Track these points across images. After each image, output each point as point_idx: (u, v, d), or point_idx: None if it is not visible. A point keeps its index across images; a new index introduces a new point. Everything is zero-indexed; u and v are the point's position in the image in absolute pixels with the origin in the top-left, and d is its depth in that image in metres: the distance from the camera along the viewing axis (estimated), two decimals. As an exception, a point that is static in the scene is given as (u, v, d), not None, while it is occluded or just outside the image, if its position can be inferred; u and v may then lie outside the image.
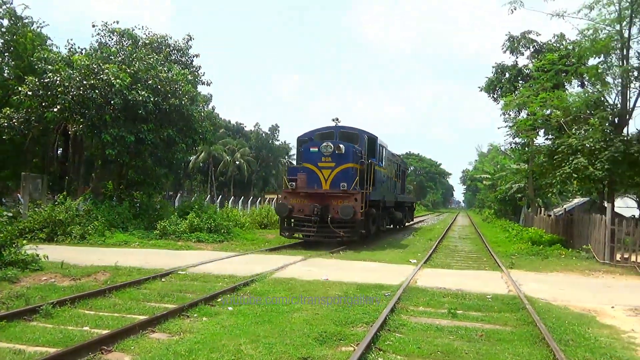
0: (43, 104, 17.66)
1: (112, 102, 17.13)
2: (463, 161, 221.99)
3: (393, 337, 5.88)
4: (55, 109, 17.36)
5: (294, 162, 25.86)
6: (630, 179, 15.27)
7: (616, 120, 15.72)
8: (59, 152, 22.77)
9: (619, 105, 15.72)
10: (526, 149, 23.61)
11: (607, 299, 8.71)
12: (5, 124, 18.15)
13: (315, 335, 5.70)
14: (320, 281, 9.29)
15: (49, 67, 17.85)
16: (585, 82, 18.45)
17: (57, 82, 17.09)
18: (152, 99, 17.53)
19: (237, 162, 63.14)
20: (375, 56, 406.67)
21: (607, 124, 15.62)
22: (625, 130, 15.63)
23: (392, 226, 24.81)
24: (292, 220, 15.75)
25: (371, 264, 12.23)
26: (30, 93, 17.46)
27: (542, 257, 14.90)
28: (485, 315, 7.15)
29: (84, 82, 16.96)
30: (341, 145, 15.47)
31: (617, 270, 12.47)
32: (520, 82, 24.25)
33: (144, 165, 19.27)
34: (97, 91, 16.89)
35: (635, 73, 15.33)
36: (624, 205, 27.28)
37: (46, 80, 17.31)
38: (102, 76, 16.99)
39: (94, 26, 21.26)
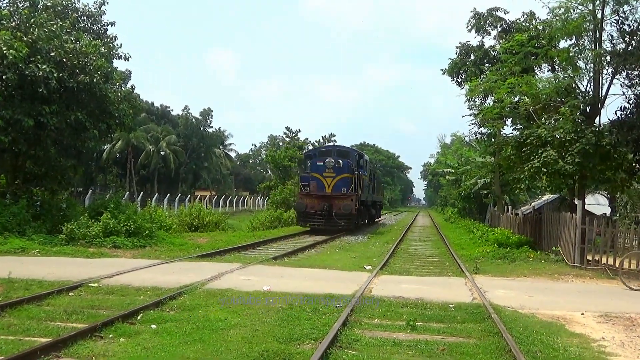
0: None
1: (4, 77, 16.22)
2: (424, 154, 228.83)
3: (345, 354, 5.96)
4: None
5: (231, 153, 46.67)
6: (602, 174, 16.21)
7: (588, 109, 16.66)
8: None
9: (590, 93, 16.65)
10: (492, 140, 24.57)
11: (577, 305, 9.25)
12: None
13: (255, 356, 5.69)
14: (262, 292, 9.27)
15: None
16: (556, 67, 19.39)
17: None
18: (55, 75, 16.70)
19: (162, 153, 61.67)
20: (325, 33, 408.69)
21: (578, 113, 16.53)
22: (597, 120, 16.60)
23: (366, 222, 32.36)
24: (306, 214, 25.37)
25: (320, 272, 12.35)
26: None
27: (509, 260, 15.59)
28: (448, 327, 7.40)
29: (-33, 52, 15.95)
30: (340, 161, 25.65)
31: (587, 274, 13.27)
32: (487, 65, 25.12)
33: (46, 156, 18.41)
34: (-16, 64, 15.95)
35: (608, 58, 16.28)
36: (595, 203, 28.95)
37: None
38: (-9, 45, 16.04)
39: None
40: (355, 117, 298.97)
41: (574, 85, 17.16)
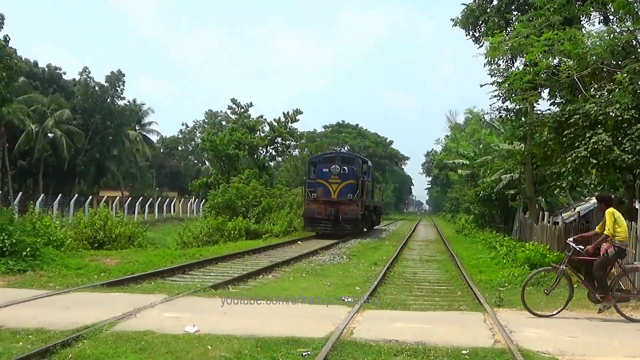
0: None
1: None
2: (427, 139, 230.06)
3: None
4: None
5: (153, 137, 51.50)
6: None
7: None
8: None
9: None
10: (522, 119, 24.82)
11: (638, 349, 9.43)
12: None
13: None
14: (196, 336, 9.22)
15: None
16: (611, 17, 19.72)
17: None
18: None
19: (51, 135, 60.71)
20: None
21: (640, 82, 16.81)
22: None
23: (366, 228, 41.25)
24: (314, 219, 35.28)
25: (281, 306, 12.30)
26: None
27: (545, 288, 15.78)
28: (460, 382, 7.49)
29: None
30: (345, 167, 35.45)
31: (652, 306, 13.52)
32: (515, 13, 25.39)
33: None
34: None
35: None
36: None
37: None
38: None
39: None
40: (332, 88, 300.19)
41: (634, 42, 17.44)
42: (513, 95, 21.94)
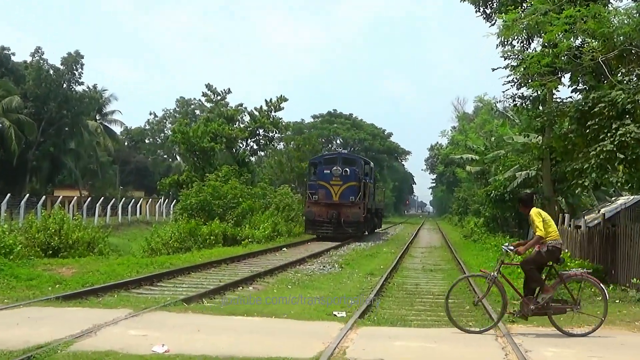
0: None
1: None
2: (431, 131, 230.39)
3: None
4: None
5: (114, 128, 55.22)
6: None
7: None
8: None
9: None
10: (540, 107, 24.88)
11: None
12: None
13: None
14: (165, 356, 9.22)
15: None
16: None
17: None
18: None
19: (-2, 126, 60.36)
20: None
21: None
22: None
23: (367, 232, 46.82)
24: (315, 221, 39.83)
25: (263, 321, 12.32)
26: None
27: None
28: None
29: None
30: (347, 169, 39.63)
31: (687, 321, 13.61)
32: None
33: None
34: None
35: None
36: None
37: None
38: None
39: None
40: (322, 73, 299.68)
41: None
42: (529, 80, 21.96)
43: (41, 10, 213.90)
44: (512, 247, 12.13)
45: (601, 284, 12.32)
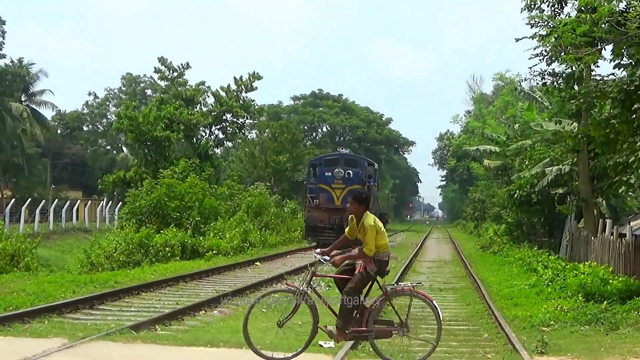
0: None
1: None
2: (440, 117, 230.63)
3: None
4: None
5: (44, 111, 56.76)
6: None
7: None
8: None
9: None
10: (575, 87, 24.88)
11: None
12: None
13: None
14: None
15: None
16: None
17: None
18: None
19: None
20: None
21: None
22: None
23: None
24: (316, 227, 46.45)
25: (229, 354, 12.27)
26: None
27: (607, 326, 15.83)
28: None
29: None
30: (349, 171, 46.59)
31: None
32: None
33: None
34: None
35: None
36: None
37: None
38: None
39: None
40: (309, 47, 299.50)
41: None
42: (562, 53, 21.96)
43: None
44: (327, 257, 12.02)
45: (434, 302, 12.09)
